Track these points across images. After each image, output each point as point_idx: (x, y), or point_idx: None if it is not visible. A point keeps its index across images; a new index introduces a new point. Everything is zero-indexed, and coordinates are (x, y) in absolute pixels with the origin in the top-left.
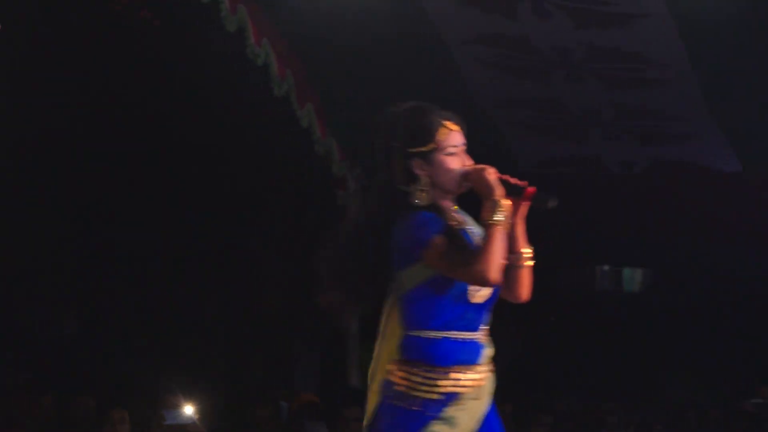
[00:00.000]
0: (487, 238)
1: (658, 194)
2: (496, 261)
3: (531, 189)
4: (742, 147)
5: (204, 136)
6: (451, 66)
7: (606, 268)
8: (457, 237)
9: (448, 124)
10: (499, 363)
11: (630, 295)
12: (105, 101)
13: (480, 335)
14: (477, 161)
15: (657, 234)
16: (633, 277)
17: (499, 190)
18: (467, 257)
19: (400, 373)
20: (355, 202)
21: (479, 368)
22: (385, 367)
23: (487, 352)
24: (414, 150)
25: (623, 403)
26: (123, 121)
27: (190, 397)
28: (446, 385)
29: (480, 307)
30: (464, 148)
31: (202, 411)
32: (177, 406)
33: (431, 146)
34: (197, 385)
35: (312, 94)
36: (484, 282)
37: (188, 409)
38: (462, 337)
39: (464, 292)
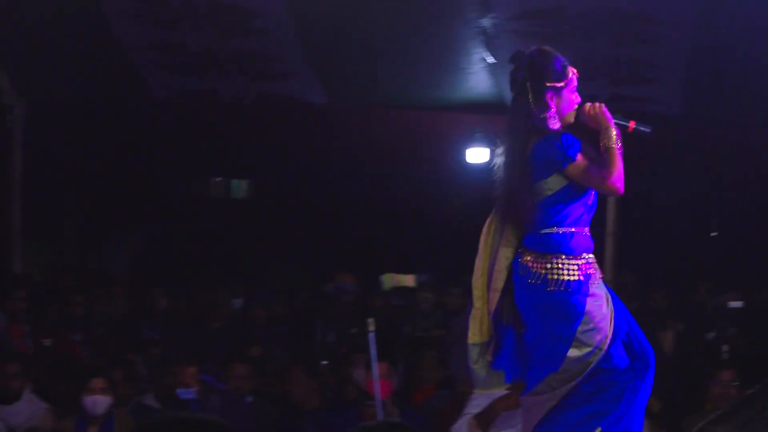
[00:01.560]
0: (611, 158)
1: (262, 121)
2: (622, 175)
3: (632, 122)
4: (329, 83)
5: None
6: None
7: (218, 179)
8: (590, 156)
9: (572, 68)
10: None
11: (237, 202)
12: None
13: (588, 229)
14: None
15: (260, 152)
16: (240, 187)
17: (610, 122)
18: (603, 173)
19: (539, 263)
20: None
21: (593, 255)
22: (503, 265)
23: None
24: (550, 84)
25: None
26: None
27: None
28: (584, 267)
29: (592, 207)
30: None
31: None
32: None
33: (564, 83)
34: None
35: None
36: (617, 192)
37: None
38: (584, 231)
39: (588, 196)
